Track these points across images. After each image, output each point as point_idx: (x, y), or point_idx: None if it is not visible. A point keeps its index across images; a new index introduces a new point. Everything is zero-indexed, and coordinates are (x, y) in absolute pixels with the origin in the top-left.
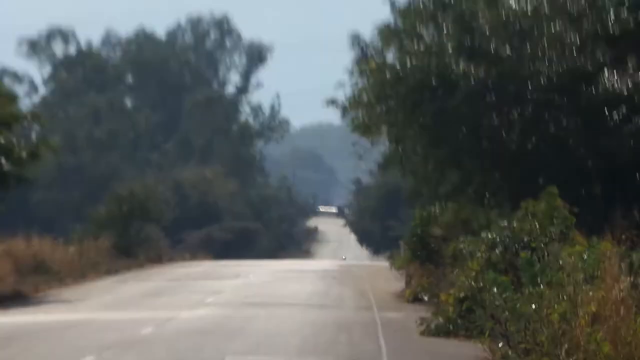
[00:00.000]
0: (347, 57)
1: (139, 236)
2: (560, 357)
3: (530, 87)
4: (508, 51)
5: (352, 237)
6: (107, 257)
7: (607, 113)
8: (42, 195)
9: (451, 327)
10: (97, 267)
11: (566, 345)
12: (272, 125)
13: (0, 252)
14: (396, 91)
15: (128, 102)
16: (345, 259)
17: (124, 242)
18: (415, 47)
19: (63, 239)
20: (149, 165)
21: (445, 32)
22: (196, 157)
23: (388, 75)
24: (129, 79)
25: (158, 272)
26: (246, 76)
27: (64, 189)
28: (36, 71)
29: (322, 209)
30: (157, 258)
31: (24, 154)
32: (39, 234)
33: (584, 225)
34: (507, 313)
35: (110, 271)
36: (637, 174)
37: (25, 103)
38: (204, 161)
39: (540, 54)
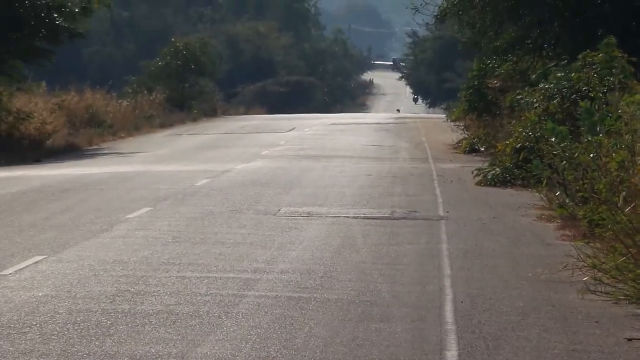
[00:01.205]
0: None
1: (193, 89)
2: (618, 205)
3: None
4: None
5: (408, 90)
6: (161, 111)
7: None
8: (95, 50)
9: (508, 177)
10: (150, 120)
11: (624, 193)
12: None
13: (53, 105)
14: None
15: None
16: (399, 111)
17: (178, 96)
18: None
19: (116, 92)
20: (201, 20)
21: None
22: (250, 11)
23: None
24: None
25: (213, 125)
26: None
27: (117, 44)
28: None
29: (377, 62)
30: (212, 111)
31: (76, 9)
32: (91, 88)
33: None
34: (564, 162)
35: (164, 125)
36: None
37: None
38: (258, 15)
39: None
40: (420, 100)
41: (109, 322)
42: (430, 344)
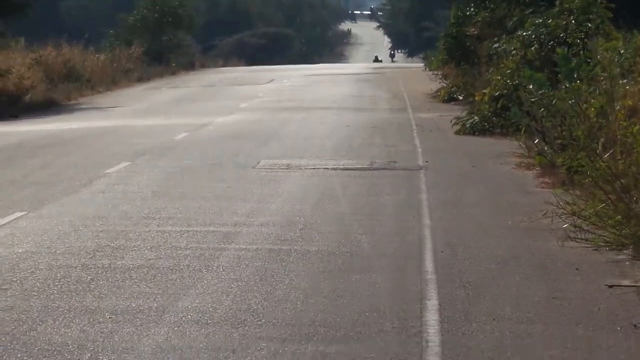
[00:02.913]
0: None
1: (171, 43)
2: (597, 151)
3: None
4: None
5: (386, 40)
6: (138, 65)
7: None
8: (71, 2)
9: (486, 125)
10: (128, 74)
11: (602, 139)
12: None
13: (30, 61)
14: None
15: None
16: (380, 58)
17: (156, 49)
18: None
19: (94, 47)
20: None
21: None
22: None
23: None
24: None
25: (191, 78)
26: None
27: None
28: None
29: (355, 12)
30: (190, 65)
31: None
32: (69, 42)
33: (621, 21)
34: (543, 109)
35: (142, 78)
36: None
37: None
38: None
39: None
40: (396, 56)
41: (89, 277)
42: (411, 294)
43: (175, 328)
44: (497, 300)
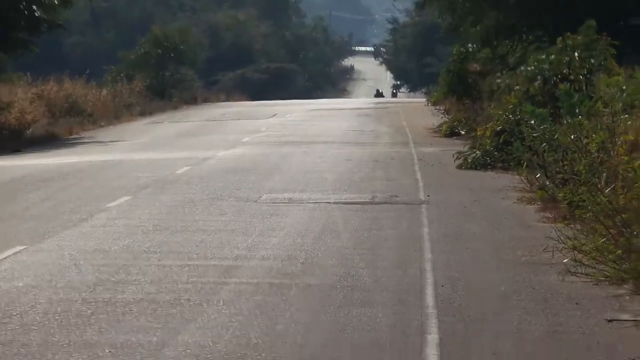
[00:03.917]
0: None
1: (174, 78)
2: (598, 186)
3: None
4: None
5: (389, 75)
6: (141, 99)
7: None
8: (75, 40)
9: (488, 160)
10: (130, 109)
11: (604, 174)
12: None
13: (32, 95)
14: None
15: None
16: (381, 92)
17: (158, 84)
18: None
19: (96, 82)
20: (182, 9)
21: None
22: (229, 0)
23: None
24: None
25: (193, 113)
26: None
27: (97, 34)
28: None
29: (358, 48)
30: (192, 99)
31: (55, 0)
32: (71, 77)
33: (623, 58)
34: (544, 144)
35: (145, 113)
36: None
37: None
38: (237, 4)
39: None
40: (400, 91)
41: (89, 311)
42: (412, 328)
43: None
44: (498, 335)
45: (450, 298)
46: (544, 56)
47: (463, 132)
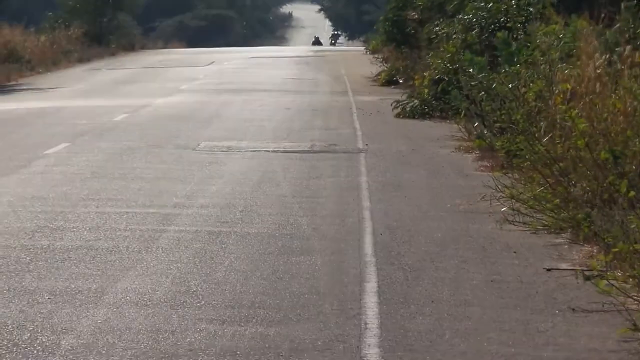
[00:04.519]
0: None
1: (112, 24)
2: (536, 135)
3: None
4: None
5: (327, 23)
6: (79, 46)
7: None
8: None
9: (426, 108)
10: (69, 55)
11: (542, 123)
12: None
13: None
14: None
15: None
16: (319, 39)
17: (96, 30)
18: None
19: (34, 28)
20: None
21: None
22: None
23: None
24: None
25: (131, 59)
26: None
27: None
28: None
29: None
30: (130, 46)
31: None
32: (9, 23)
33: (562, 7)
34: (482, 93)
35: (83, 59)
36: None
37: None
38: None
39: None
40: (338, 42)
41: (28, 258)
42: (350, 276)
43: (114, 309)
44: (436, 283)
45: (388, 246)
46: (482, 4)
47: (401, 81)
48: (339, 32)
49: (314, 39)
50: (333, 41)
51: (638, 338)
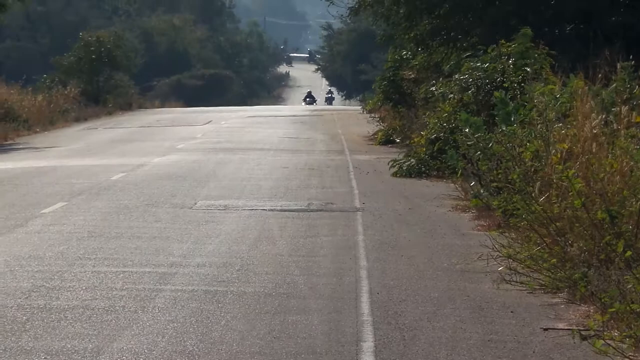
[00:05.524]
0: None
1: (108, 83)
2: (532, 195)
3: None
4: None
5: (324, 82)
6: (75, 105)
7: None
8: (9, 44)
9: (423, 168)
10: (66, 114)
11: (538, 183)
12: None
13: None
14: None
15: None
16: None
17: (93, 90)
18: None
19: (31, 87)
20: (116, 13)
21: None
22: (165, 4)
23: None
24: None
25: (128, 118)
26: None
27: (32, 38)
28: None
29: (293, 54)
30: (127, 105)
31: None
32: (6, 82)
33: (559, 67)
34: (479, 152)
35: (80, 118)
36: (613, 14)
37: None
38: (172, 9)
39: None
40: (334, 100)
41: (24, 317)
42: (347, 336)
43: None
44: (433, 343)
45: (385, 306)
46: (478, 64)
47: (398, 140)
48: (333, 95)
49: (306, 94)
50: (329, 96)
51: None
